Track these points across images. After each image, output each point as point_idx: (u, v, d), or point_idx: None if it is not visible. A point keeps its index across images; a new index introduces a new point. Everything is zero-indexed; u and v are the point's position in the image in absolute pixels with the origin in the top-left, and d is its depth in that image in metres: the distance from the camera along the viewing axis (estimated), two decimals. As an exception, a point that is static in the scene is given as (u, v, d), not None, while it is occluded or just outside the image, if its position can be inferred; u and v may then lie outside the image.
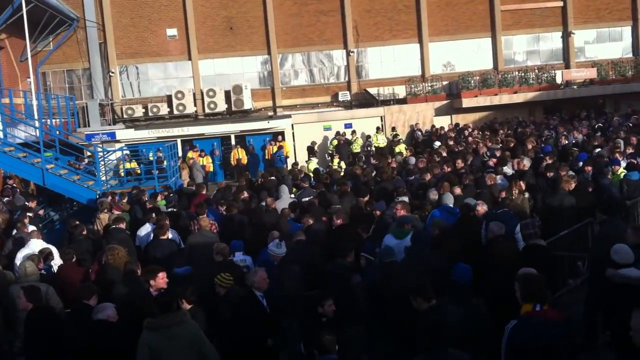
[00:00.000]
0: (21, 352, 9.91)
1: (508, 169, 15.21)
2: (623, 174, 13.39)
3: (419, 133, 28.51)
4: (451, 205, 11.58)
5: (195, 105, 30.23)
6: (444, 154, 19.28)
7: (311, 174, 18.38)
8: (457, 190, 12.62)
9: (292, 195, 14.78)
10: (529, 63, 32.98)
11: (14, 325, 9.49)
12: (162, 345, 6.52)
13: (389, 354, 7.92)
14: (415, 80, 31.44)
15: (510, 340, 5.61)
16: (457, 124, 28.81)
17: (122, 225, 12.15)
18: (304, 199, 14.10)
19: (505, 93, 30.56)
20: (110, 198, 15.37)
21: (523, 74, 31.09)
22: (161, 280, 8.19)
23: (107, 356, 6.77)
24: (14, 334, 9.74)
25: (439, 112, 30.76)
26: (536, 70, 31.36)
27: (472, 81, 30.78)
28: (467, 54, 32.66)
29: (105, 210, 13.89)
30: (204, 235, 11.17)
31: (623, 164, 14.31)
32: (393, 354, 7.89)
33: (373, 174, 16.92)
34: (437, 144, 23.97)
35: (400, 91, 31.36)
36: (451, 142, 23.40)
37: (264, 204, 13.12)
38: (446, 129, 27.49)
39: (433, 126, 29.02)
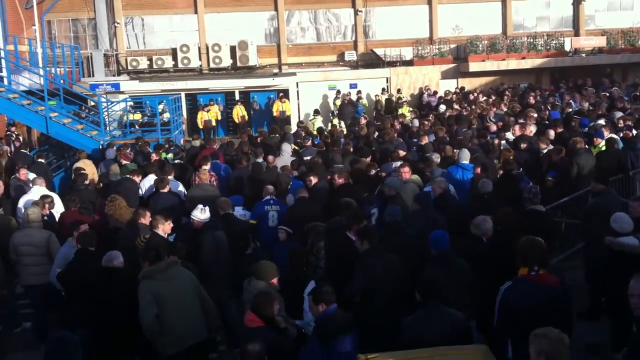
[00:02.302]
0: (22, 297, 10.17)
1: (510, 135, 15.23)
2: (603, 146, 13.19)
3: (426, 96, 28.36)
4: (467, 162, 11.60)
5: (200, 59, 30.03)
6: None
7: (315, 133, 18.39)
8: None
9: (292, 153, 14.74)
10: (538, 29, 32.60)
11: (14, 270, 9.64)
12: (163, 289, 6.72)
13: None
14: (422, 43, 31.16)
15: (503, 300, 5.69)
16: (462, 88, 28.65)
17: (137, 179, 12.27)
18: (305, 157, 14.14)
19: (513, 58, 30.30)
20: (115, 148, 15.41)
21: (532, 40, 30.76)
22: (168, 226, 8.48)
23: (112, 302, 6.91)
24: (15, 278, 9.92)
25: (446, 75, 30.56)
26: (545, 37, 31.03)
27: (480, 45, 30.49)
28: (476, 18, 32.26)
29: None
30: (203, 188, 11.28)
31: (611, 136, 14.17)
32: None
33: (375, 134, 16.92)
34: (443, 107, 23.88)
35: (407, 53, 31.08)
36: (457, 106, 23.32)
37: (260, 160, 13.11)
38: (452, 92, 27.35)
39: (443, 92, 28.87)
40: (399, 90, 28.81)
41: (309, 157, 14.00)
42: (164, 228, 8.52)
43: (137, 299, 6.73)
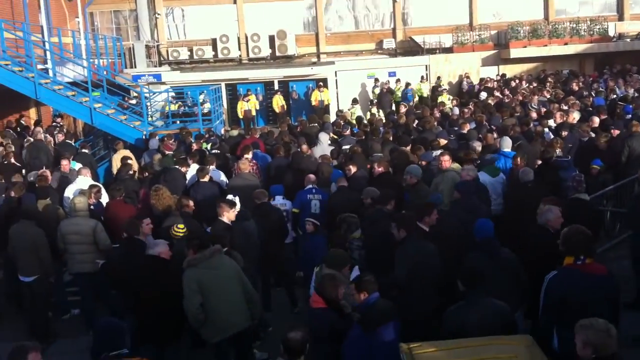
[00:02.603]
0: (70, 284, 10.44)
1: (552, 123, 15.00)
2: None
3: (465, 84, 28.06)
4: (509, 150, 11.49)
5: (239, 49, 30.21)
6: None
7: (354, 122, 18.37)
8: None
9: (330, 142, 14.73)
10: (580, 14, 31.83)
11: (62, 259, 9.87)
12: (207, 277, 6.81)
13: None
14: (462, 29, 30.79)
15: (548, 290, 5.66)
16: (503, 75, 28.27)
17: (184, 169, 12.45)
18: (344, 147, 14.16)
19: (555, 44, 29.73)
20: (157, 138, 15.65)
21: (574, 25, 30.10)
22: (232, 214, 8.72)
23: (157, 290, 7.02)
24: (62, 267, 10.18)
25: (486, 62, 30.17)
26: (588, 22, 30.32)
27: (522, 31, 29.98)
28: (517, 3, 31.64)
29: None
30: (244, 178, 11.39)
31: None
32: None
33: (415, 123, 16.83)
34: (484, 95, 23.60)
35: (447, 40, 30.76)
36: (498, 93, 23.03)
37: (299, 149, 13.19)
38: (493, 79, 27.00)
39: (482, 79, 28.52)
40: (438, 78, 28.60)
41: (347, 146, 14.02)
42: (229, 216, 8.65)
43: (182, 287, 6.85)
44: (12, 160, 14.55)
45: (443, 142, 13.01)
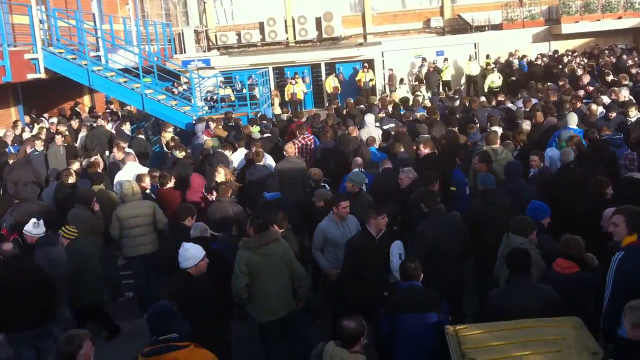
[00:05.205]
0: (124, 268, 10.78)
1: (607, 99, 14.64)
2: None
3: (516, 61, 27.49)
4: (574, 127, 11.21)
5: (286, 32, 30.28)
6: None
7: (399, 102, 18.31)
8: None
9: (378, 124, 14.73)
10: (636, -14, 30.81)
11: (115, 244, 10.18)
12: (258, 262, 6.95)
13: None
14: (512, 5, 30.14)
15: (619, 270, 5.50)
16: (555, 51, 27.61)
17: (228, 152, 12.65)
18: (385, 127, 14.11)
19: (608, 18, 28.82)
20: (205, 124, 15.91)
21: (629, -2, 29.16)
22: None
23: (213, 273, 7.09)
24: (116, 250, 10.47)
25: (536, 38, 29.46)
26: (644, -6, 29.33)
27: (574, 6, 29.18)
28: (570, -23, 30.81)
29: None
30: (290, 161, 11.51)
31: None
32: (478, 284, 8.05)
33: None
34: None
35: (496, 17, 30.18)
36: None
37: (347, 131, 13.21)
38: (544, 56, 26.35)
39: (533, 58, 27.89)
40: (487, 56, 28.03)
41: (387, 126, 13.97)
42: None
43: (228, 269, 7.07)
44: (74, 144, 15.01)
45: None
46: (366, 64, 27.56)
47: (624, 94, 14.26)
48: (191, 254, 6.54)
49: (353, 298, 7.09)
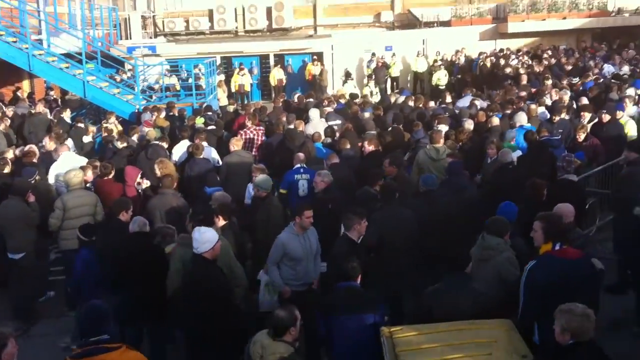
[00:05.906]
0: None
1: (548, 100, 14.96)
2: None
3: (462, 58, 27.80)
4: (527, 125, 11.49)
5: (236, 20, 29.91)
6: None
7: (347, 98, 18.30)
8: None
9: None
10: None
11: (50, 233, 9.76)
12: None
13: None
14: (461, 2, 30.46)
15: (528, 280, 5.60)
16: (501, 50, 28.03)
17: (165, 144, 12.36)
18: (330, 122, 14.03)
19: (554, 18, 29.46)
20: (149, 113, 15.56)
21: (574, -1, 29.85)
22: None
23: (144, 265, 7.07)
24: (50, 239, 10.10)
25: (483, 36, 29.85)
26: (588, -4, 30.05)
27: (521, 5, 29.68)
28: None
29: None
30: (239, 155, 11.35)
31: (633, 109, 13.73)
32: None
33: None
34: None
35: (445, 13, 30.46)
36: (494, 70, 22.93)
37: (292, 126, 13.10)
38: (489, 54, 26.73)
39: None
40: (437, 53, 28.05)
41: (332, 122, 13.94)
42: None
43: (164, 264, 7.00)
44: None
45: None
46: (315, 57, 27.45)
47: (566, 98, 14.59)
48: (207, 237, 6.32)
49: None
